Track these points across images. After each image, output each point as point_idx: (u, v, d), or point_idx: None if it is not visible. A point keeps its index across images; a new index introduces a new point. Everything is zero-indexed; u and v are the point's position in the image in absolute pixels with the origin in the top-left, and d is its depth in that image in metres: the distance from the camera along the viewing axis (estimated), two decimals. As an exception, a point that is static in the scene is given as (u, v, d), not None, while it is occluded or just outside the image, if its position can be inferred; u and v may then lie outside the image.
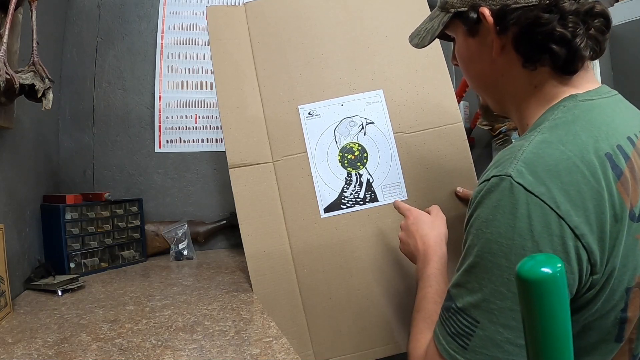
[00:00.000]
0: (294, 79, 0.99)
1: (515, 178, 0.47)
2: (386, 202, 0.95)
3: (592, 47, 0.55)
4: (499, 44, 0.58)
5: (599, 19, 0.55)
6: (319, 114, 0.98)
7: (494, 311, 0.48)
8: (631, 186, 0.49)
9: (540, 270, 0.38)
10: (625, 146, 0.51)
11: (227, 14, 1.02)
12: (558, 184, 0.47)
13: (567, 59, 0.54)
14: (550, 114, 0.55)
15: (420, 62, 1.00)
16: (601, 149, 0.49)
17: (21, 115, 0.94)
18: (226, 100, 0.97)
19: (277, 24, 1.01)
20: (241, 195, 0.93)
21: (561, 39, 0.53)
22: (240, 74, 0.99)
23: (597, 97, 0.55)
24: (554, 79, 0.57)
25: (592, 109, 0.54)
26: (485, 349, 0.48)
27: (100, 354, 0.59)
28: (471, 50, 0.64)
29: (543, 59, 0.56)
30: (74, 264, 1.04)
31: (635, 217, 0.49)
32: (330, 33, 1.02)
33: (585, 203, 0.47)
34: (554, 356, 0.40)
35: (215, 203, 1.44)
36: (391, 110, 0.99)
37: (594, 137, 0.50)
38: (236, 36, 1.00)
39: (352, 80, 1.00)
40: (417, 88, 1.00)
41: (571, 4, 0.53)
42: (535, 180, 0.47)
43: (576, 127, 0.51)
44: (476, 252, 0.50)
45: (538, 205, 0.46)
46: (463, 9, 0.60)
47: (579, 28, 0.53)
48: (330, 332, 0.90)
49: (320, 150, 0.96)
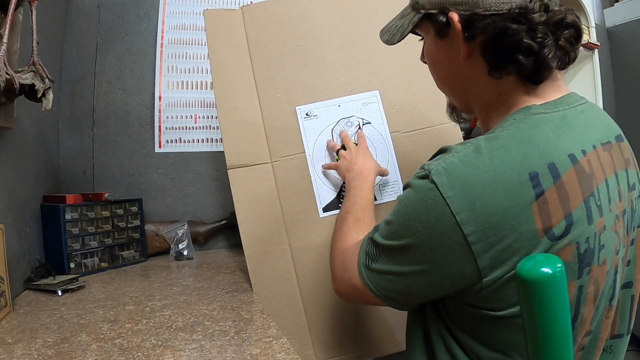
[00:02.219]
0: (291, 81, 1.00)
1: (432, 175, 0.53)
2: (384, 200, 0.96)
3: (560, 57, 0.55)
4: (466, 50, 0.58)
5: (569, 30, 0.55)
6: (316, 115, 0.99)
7: (390, 258, 0.59)
8: (552, 207, 0.49)
9: (540, 270, 0.38)
10: (560, 165, 0.51)
11: (224, 18, 1.03)
12: (467, 193, 0.50)
13: (534, 69, 0.55)
14: (500, 124, 0.56)
15: (414, 63, 1.00)
16: (527, 167, 0.50)
17: (21, 115, 0.94)
18: (224, 102, 0.98)
19: (274, 27, 1.02)
20: (240, 195, 0.93)
21: (528, 50, 0.54)
22: (238, 76, 0.99)
23: (552, 110, 0.55)
24: (519, 88, 0.58)
25: (538, 123, 0.54)
26: (377, 276, 0.61)
27: (100, 354, 0.59)
28: (439, 52, 0.64)
29: (509, 68, 0.56)
30: (74, 264, 1.04)
31: (554, 237, 0.49)
32: (327, 35, 1.03)
33: (488, 217, 0.49)
34: (554, 356, 0.40)
35: (215, 203, 1.44)
36: (387, 111, 1.00)
37: (524, 154, 0.51)
38: (234, 39, 1.01)
39: (348, 82, 1.01)
40: (413, 88, 1.02)
41: (541, 15, 0.53)
42: (449, 184, 0.51)
43: (512, 142, 0.52)
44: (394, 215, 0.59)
45: (441, 204, 0.51)
46: (433, 12, 0.60)
47: (548, 39, 0.54)
48: (331, 331, 0.90)
49: (318, 150, 0.97)
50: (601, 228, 0.52)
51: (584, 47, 1.83)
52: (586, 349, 0.57)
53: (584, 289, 0.52)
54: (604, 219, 0.53)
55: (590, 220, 0.51)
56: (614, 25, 1.91)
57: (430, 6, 0.61)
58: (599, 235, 0.52)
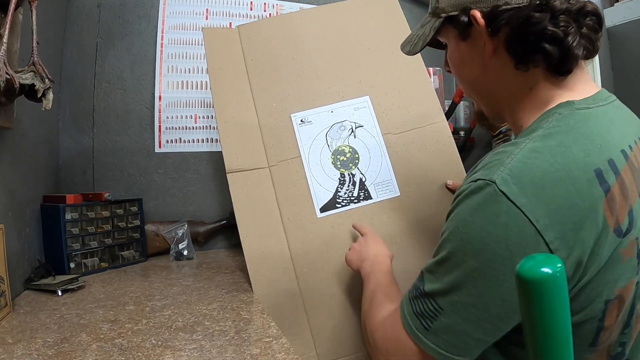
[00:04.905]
0: (286, 91, 1.05)
1: (499, 185, 0.48)
2: (380, 199, 0.99)
3: (585, 45, 0.54)
4: (491, 46, 0.58)
5: (590, 18, 0.55)
6: (310, 121, 1.03)
7: (456, 303, 0.51)
8: (618, 203, 0.49)
9: (540, 270, 0.38)
10: (617, 160, 0.50)
11: (222, 35, 1.10)
12: (541, 197, 0.47)
13: (560, 59, 0.54)
14: (544, 120, 0.54)
15: (402, 69, 1.08)
16: (591, 164, 0.49)
17: (21, 115, 0.94)
18: (223, 112, 1.02)
19: (269, 43, 1.09)
20: (239, 198, 0.96)
21: (553, 38, 0.53)
22: (235, 88, 1.05)
23: (594, 105, 0.55)
24: (547, 81, 0.57)
25: (588, 119, 0.53)
26: (444, 335, 0.52)
27: (100, 354, 0.59)
28: (463, 54, 0.64)
29: (536, 60, 0.55)
30: (74, 264, 1.04)
31: (621, 233, 0.49)
32: (318, 48, 1.10)
33: (565, 218, 0.47)
34: (554, 356, 0.40)
35: (215, 203, 1.44)
36: (378, 114, 1.05)
37: (586, 151, 0.49)
38: (231, 55, 1.08)
39: (340, 89, 1.07)
40: (402, 92, 1.07)
41: (562, 2, 0.53)
42: (519, 191, 0.47)
43: (569, 139, 0.50)
44: (450, 247, 0.52)
45: (518, 216, 0.47)
46: (454, 13, 0.60)
47: (571, 27, 0.53)
48: (332, 332, 0.90)
49: (314, 154, 1.01)
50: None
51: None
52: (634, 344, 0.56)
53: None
54: None
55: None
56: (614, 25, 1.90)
57: (451, 9, 0.60)
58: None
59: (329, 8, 1.15)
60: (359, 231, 0.90)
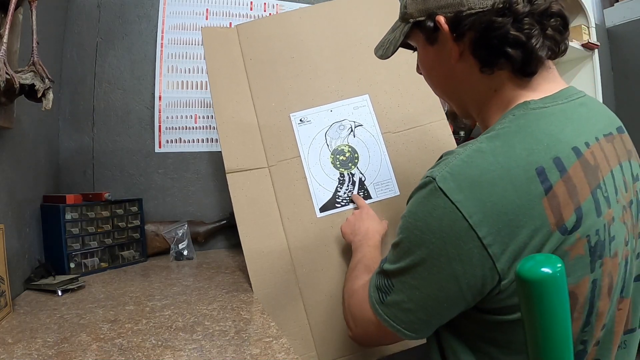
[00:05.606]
0: (285, 90, 1.05)
1: (438, 182, 0.52)
2: (379, 198, 0.98)
3: (549, 46, 0.55)
4: (456, 51, 0.59)
5: (555, 19, 0.55)
6: (309, 120, 1.03)
7: (404, 283, 0.56)
8: (562, 201, 0.49)
9: (540, 270, 0.38)
10: (565, 158, 0.51)
11: (221, 35, 1.10)
12: (477, 194, 0.50)
13: (524, 61, 0.55)
14: (499, 122, 0.56)
15: (401, 67, 1.06)
16: (533, 163, 0.50)
17: (21, 115, 0.94)
18: (222, 112, 1.02)
19: (267, 42, 1.09)
20: (238, 199, 0.96)
21: (516, 42, 0.54)
22: (234, 87, 1.04)
23: (551, 104, 0.55)
24: (512, 82, 0.58)
25: (540, 118, 0.54)
26: (394, 308, 0.58)
27: (100, 354, 0.59)
28: (431, 58, 0.65)
29: (500, 63, 0.56)
30: (74, 264, 1.04)
31: (566, 231, 0.49)
32: (317, 47, 1.09)
33: (500, 215, 0.49)
34: (554, 356, 0.40)
35: (215, 203, 1.44)
36: (378, 113, 1.05)
37: (529, 150, 0.50)
38: (230, 55, 1.07)
39: (339, 88, 1.06)
40: (401, 91, 1.07)
41: (524, 5, 0.54)
42: (456, 188, 0.50)
43: (515, 139, 0.52)
44: (401, 234, 0.57)
45: (452, 211, 0.50)
46: (421, 19, 0.62)
47: (534, 29, 0.54)
48: (332, 332, 0.90)
49: (313, 153, 1.01)
50: (610, 219, 0.52)
51: (584, 47, 1.84)
52: (601, 344, 0.57)
53: (598, 283, 0.52)
54: (612, 210, 0.52)
55: (599, 212, 0.51)
56: (614, 25, 1.91)
57: (418, 14, 0.62)
58: (609, 226, 0.52)
59: (328, 6, 1.14)
60: (356, 203, 0.95)
